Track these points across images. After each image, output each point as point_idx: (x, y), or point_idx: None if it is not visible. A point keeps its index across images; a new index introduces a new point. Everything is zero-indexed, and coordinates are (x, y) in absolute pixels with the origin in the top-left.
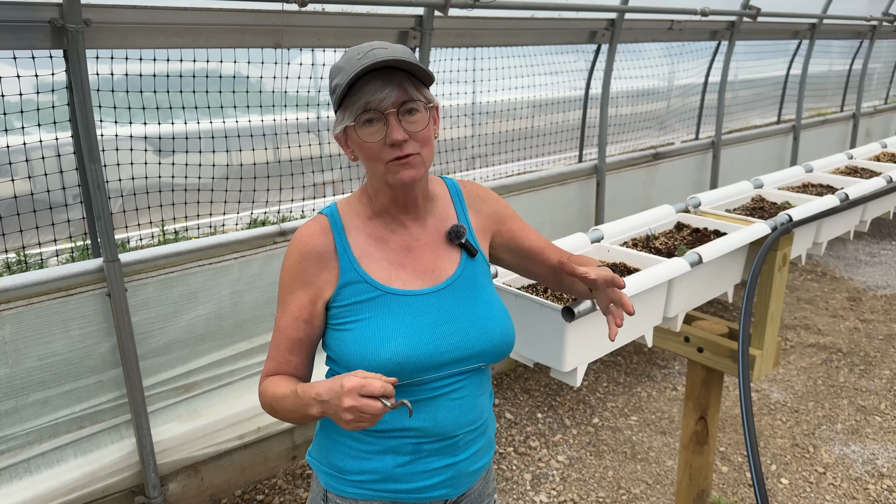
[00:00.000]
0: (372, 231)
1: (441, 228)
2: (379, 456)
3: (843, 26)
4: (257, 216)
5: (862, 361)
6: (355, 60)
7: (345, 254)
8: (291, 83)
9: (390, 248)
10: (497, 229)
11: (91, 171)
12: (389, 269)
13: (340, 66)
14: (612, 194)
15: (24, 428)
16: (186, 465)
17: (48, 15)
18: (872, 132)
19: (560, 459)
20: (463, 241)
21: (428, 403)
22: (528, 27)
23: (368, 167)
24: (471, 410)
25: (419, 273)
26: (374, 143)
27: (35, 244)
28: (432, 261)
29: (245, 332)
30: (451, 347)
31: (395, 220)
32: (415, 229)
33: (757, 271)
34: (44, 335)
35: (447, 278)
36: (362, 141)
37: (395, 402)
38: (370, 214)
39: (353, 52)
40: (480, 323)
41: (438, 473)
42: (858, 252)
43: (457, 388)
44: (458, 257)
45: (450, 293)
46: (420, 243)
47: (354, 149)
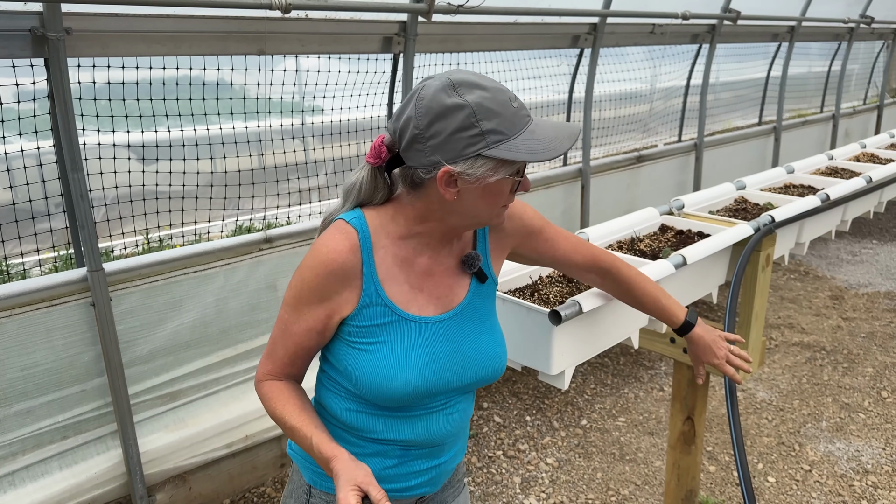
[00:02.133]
0: (398, 252)
1: (459, 252)
2: (367, 458)
3: (822, 28)
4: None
5: (845, 359)
6: (513, 108)
7: (370, 275)
8: (276, 89)
9: (413, 270)
10: (519, 243)
11: (74, 180)
12: (409, 293)
13: (493, 109)
14: (597, 197)
15: (7, 439)
16: (174, 475)
17: (28, 23)
18: (852, 132)
19: (549, 462)
20: (475, 271)
21: (423, 419)
22: (511, 32)
23: (474, 209)
24: (460, 423)
25: (433, 298)
26: (507, 193)
27: (17, 254)
28: (448, 286)
29: (230, 339)
30: (454, 377)
31: (428, 244)
32: (442, 254)
33: (741, 272)
34: (26, 346)
35: (457, 305)
36: (500, 189)
37: None
38: (402, 235)
39: (499, 94)
40: (482, 353)
41: (423, 474)
42: (840, 251)
43: (451, 405)
44: (468, 283)
45: (457, 321)
46: (441, 268)
47: (475, 194)
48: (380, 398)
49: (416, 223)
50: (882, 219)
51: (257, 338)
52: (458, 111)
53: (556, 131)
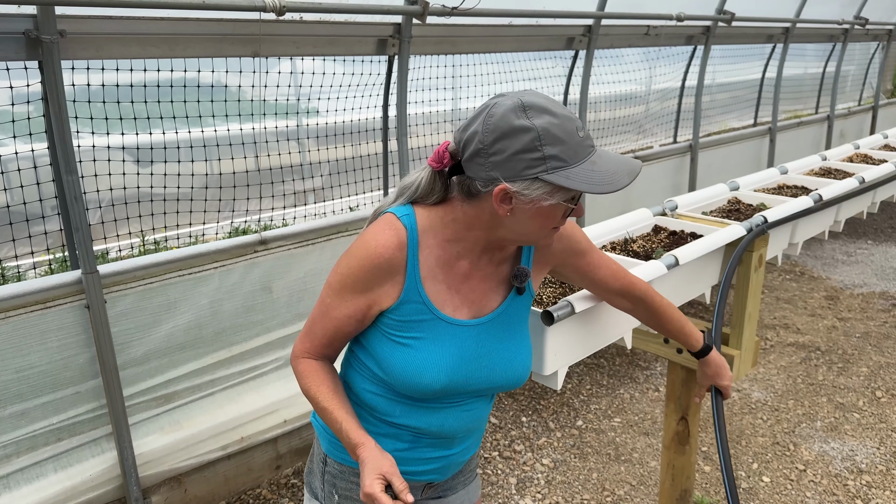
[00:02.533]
0: (442, 254)
1: (501, 261)
2: (380, 438)
3: (816, 30)
4: (238, 225)
5: (840, 359)
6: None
7: (413, 272)
8: (271, 91)
9: (453, 272)
10: (562, 261)
11: (68, 183)
12: (446, 293)
13: (557, 136)
14: (592, 198)
15: (2, 441)
16: (169, 478)
17: (23, 26)
18: (846, 133)
19: (545, 463)
20: (521, 285)
21: (440, 412)
22: (505, 34)
23: (525, 228)
24: (475, 420)
25: (468, 301)
26: (559, 217)
27: (12, 257)
28: (483, 292)
29: (224, 341)
30: (479, 381)
31: (471, 249)
32: (483, 260)
33: (731, 273)
34: (21, 348)
35: (490, 312)
36: (553, 213)
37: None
38: (448, 238)
39: (571, 125)
40: (508, 361)
41: (432, 462)
42: (835, 252)
43: (469, 403)
44: (505, 292)
45: (489, 328)
46: (480, 273)
47: (528, 213)
48: (407, 389)
49: (464, 229)
50: (877, 219)
51: (252, 339)
52: (523, 133)
53: (617, 165)
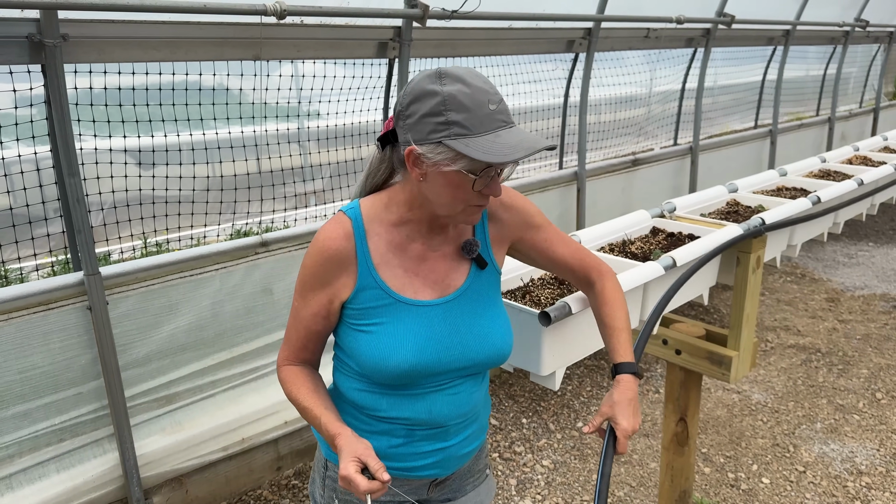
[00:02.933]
0: (393, 238)
1: (458, 239)
2: (375, 436)
3: (817, 32)
4: (240, 227)
5: (840, 361)
6: (488, 109)
7: (364, 260)
8: (272, 94)
9: (407, 255)
10: (518, 237)
11: (70, 185)
12: (404, 277)
13: (463, 103)
14: (592, 200)
15: (4, 441)
16: (170, 478)
17: (26, 30)
18: (848, 136)
19: (545, 464)
20: (474, 256)
21: (425, 398)
22: (506, 37)
23: (440, 197)
24: (465, 405)
25: (430, 283)
26: (470, 189)
27: (15, 259)
28: (444, 271)
29: (225, 342)
30: (452, 358)
31: (418, 230)
32: (435, 241)
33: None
34: (23, 349)
35: (455, 290)
36: (461, 183)
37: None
38: (395, 222)
39: (480, 94)
40: (482, 336)
41: (429, 456)
42: (836, 254)
43: (454, 385)
44: (467, 269)
45: (457, 305)
46: (436, 254)
47: (438, 180)
48: (379, 376)
49: (406, 209)
50: (878, 221)
51: (253, 341)
52: (431, 97)
53: (521, 140)
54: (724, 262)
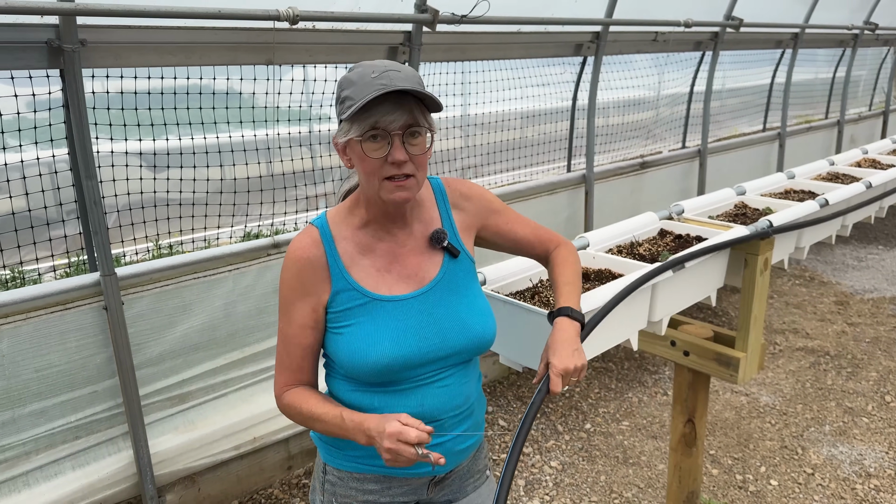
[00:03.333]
0: (360, 240)
1: (426, 232)
2: None
3: (826, 35)
4: (251, 229)
5: (849, 364)
6: (369, 78)
7: (335, 263)
8: (284, 98)
9: (377, 255)
10: (482, 224)
11: (88, 188)
12: (376, 276)
13: (352, 80)
14: (601, 202)
15: (21, 438)
16: (183, 476)
17: (45, 36)
18: (857, 138)
19: (553, 465)
20: (445, 245)
21: (415, 391)
22: (514, 41)
23: (365, 180)
24: (456, 397)
25: (403, 277)
26: (375, 160)
27: (32, 260)
28: (416, 265)
29: (237, 342)
30: (433, 348)
31: (382, 227)
32: (401, 236)
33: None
34: (41, 348)
35: (430, 281)
36: (365, 155)
37: (428, 453)
38: (359, 224)
39: (367, 69)
40: (461, 323)
41: None
42: (846, 257)
43: (443, 377)
44: (440, 259)
45: (433, 295)
46: (405, 249)
47: (354, 160)
48: (362, 373)
49: (364, 209)
50: (888, 224)
51: (264, 341)
52: (337, 87)
53: (400, 78)
54: (731, 265)
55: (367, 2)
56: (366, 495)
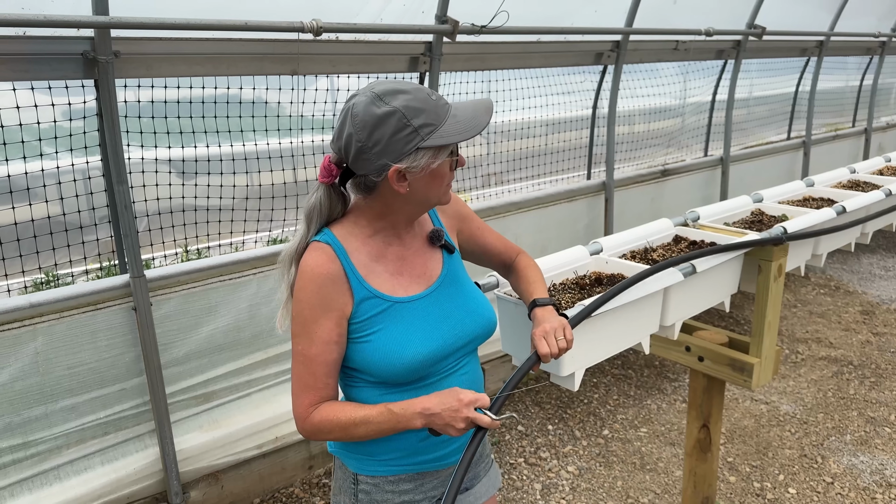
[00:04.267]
0: (371, 249)
1: (423, 233)
2: (402, 434)
3: (852, 43)
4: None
5: (873, 374)
6: (434, 102)
7: (353, 275)
8: (308, 107)
9: (388, 260)
10: (459, 227)
11: (119, 193)
12: (391, 280)
13: (420, 109)
14: (620, 210)
15: (53, 433)
16: (207, 474)
17: (80, 48)
18: (886, 146)
19: (570, 470)
20: (443, 243)
21: (440, 384)
22: (534, 51)
23: (429, 193)
24: (475, 382)
25: (415, 278)
26: (448, 171)
27: (66, 263)
28: (423, 265)
29: (261, 343)
30: (456, 338)
31: (393, 233)
32: (407, 239)
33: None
34: (72, 346)
35: (437, 278)
36: (443, 171)
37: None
38: (368, 234)
39: (422, 93)
40: (471, 311)
41: (453, 441)
42: (873, 266)
43: (462, 365)
44: (440, 256)
45: (443, 291)
46: (411, 251)
47: (425, 182)
48: (396, 375)
49: (376, 220)
50: None
51: (287, 342)
52: (389, 117)
53: (474, 110)
54: (746, 271)
55: (389, 13)
56: (402, 496)
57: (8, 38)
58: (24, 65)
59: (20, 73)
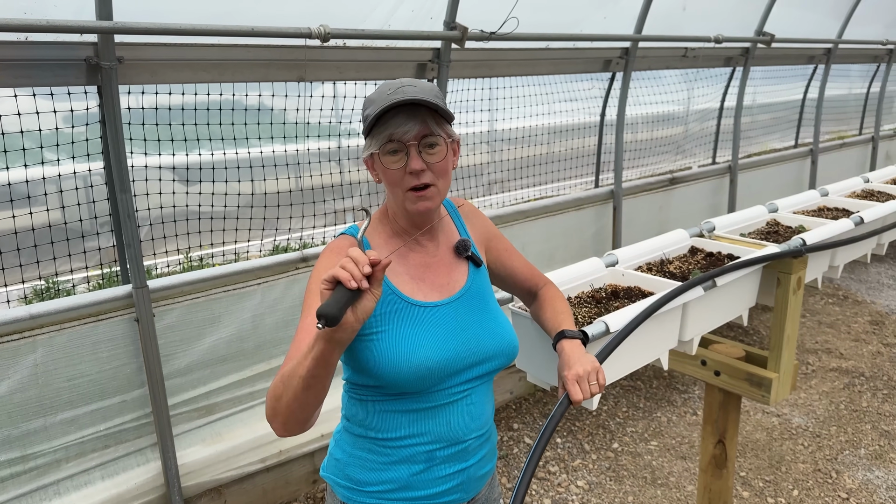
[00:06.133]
0: (393, 248)
1: (449, 244)
2: (395, 466)
3: (859, 51)
4: (279, 243)
5: (885, 386)
6: (386, 95)
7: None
8: (313, 114)
9: (410, 264)
10: (487, 245)
11: (122, 201)
12: (411, 283)
13: (373, 99)
14: (629, 218)
15: (52, 446)
16: (210, 488)
17: (84, 53)
18: (892, 155)
19: (580, 485)
20: (470, 254)
21: (444, 409)
22: (543, 58)
23: (390, 192)
24: (479, 416)
25: (436, 286)
26: (395, 171)
27: (67, 271)
28: (446, 275)
29: (264, 354)
30: (469, 353)
31: (415, 240)
32: (430, 247)
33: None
34: (73, 358)
35: (460, 289)
36: (385, 168)
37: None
38: (391, 233)
39: (385, 87)
40: (490, 329)
41: (451, 479)
42: (881, 275)
43: (469, 394)
44: (466, 269)
45: (463, 303)
46: (435, 260)
47: (379, 173)
48: (404, 380)
49: (393, 220)
50: None
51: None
52: (362, 107)
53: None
54: (764, 283)
55: (397, 20)
56: None
57: (9, 43)
58: (26, 70)
59: (22, 80)
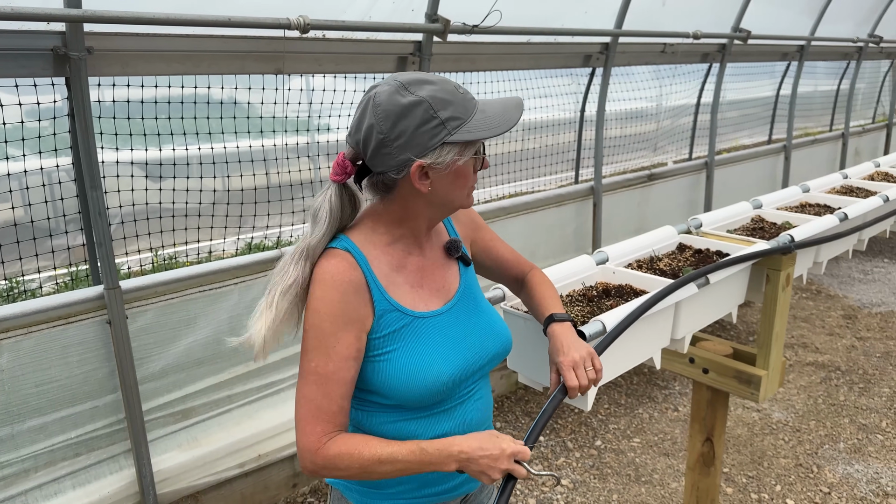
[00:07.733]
0: (391, 258)
1: (440, 243)
2: None
3: (831, 48)
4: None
5: (861, 379)
6: (461, 96)
7: (375, 285)
8: (286, 108)
9: (408, 271)
10: (474, 237)
11: (92, 198)
12: (412, 293)
13: (448, 101)
14: (607, 214)
15: (20, 455)
16: (186, 495)
17: (51, 43)
18: (861, 151)
19: (564, 483)
20: (461, 255)
21: (457, 409)
22: (524, 52)
23: (450, 193)
24: (488, 407)
25: (434, 291)
26: (471, 172)
27: (33, 270)
28: (441, 277)
29: (242, 356)
30: (477, 357)
31: (414, 242)
32: (427, 249)
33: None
34: (41, 362)
35: (455, 292)
36: (466, 171)
37: (539, 472)
38: (388, 242)
39: (449, 85)
40: (489, 329)
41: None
42: (852, 270)
43: (476, 390)
44: (457, 269)
45: (461, 306)
46: (430, 262)
47: (448, 181)
48: (419, 397)
49: (395, 227)
50: (893, 237)
51: (270, 355)
52: (416, 107)
53: (503, 106)
54: (752, 280)
55: (378, 11)
56: None
57: None
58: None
59: None
